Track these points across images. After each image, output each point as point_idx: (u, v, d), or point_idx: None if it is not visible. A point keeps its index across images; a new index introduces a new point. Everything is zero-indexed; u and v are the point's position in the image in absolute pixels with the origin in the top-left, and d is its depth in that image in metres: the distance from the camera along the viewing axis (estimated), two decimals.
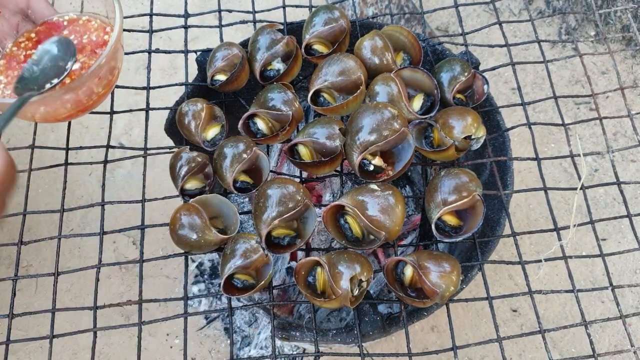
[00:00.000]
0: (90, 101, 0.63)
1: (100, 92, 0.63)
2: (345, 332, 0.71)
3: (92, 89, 0.61)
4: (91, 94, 0.62)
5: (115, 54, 0.62)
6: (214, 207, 0.66)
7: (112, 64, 0.62)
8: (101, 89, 0.63)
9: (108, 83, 0.63)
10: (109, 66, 0.61)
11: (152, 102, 0.77)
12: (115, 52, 0.61)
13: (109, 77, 0.63)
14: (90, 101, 0.63)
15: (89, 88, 0.61)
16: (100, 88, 0.62)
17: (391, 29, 0.75)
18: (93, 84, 0.61)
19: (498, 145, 0.81)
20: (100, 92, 0.63)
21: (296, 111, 0.69)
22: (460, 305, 1.17)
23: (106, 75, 0.62)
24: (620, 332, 1.14)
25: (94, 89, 0.61)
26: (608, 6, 1.46)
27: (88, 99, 0.62)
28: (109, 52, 0.60)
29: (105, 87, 0.63)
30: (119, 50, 0.63)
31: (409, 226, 1.04)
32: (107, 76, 0.62)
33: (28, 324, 1.14)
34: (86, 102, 0.62)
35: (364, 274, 0.60)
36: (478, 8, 1.55)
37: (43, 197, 1.30)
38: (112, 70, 0.63)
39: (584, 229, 1.19)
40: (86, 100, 0.62)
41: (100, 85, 0.62)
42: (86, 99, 0.61)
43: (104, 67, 0.60)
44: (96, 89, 0.62)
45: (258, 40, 0.75)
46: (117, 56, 0.63)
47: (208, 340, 1.15)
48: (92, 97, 0.62)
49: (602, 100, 1.39)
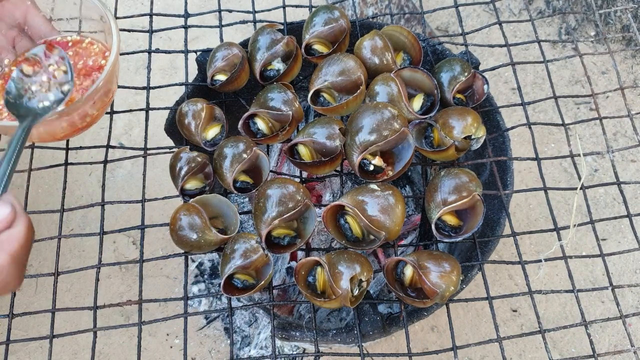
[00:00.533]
0: (85, 122, 0.63)
1: (94, 114, 0.63)
2: (345, 332, 0.71)
3: (87, 112, 0.62)
4: (85, 116, 0.62)
5: (111, 78, 0.62)
6: (214, 207, 0.66)
7: (108, 87, 0.62)
8: (95, 111, 0.63)
9: (102, 105, 0.64)
10: (105, 89, 0.62)
11: (152, 102, 0.77)
12: (111, 76, 0.61)
13: (104, 100, 0.63)
14: (85, 122, 0.63)
15: (84, 111, 0.61)
16: (95, 110, 0.63)
17: (391, 29, 0.75)
18: (88, 107, 0.61)
19: (498, 145, 0.81)
20: (94, 114, 0.63)
21: (296, 111, 0.69)
22: (460, 305, 1.17)
23: (101, 98, 0.62)
24: (620, 332, 1.14)
25: (88, 111, 0.62)
26: (608, 6, 1.46)
27: (82, 121, 0.62)
28: (105, 77, 0.60)
29: (99, 109, 0.64)
30: (115, 76, 0.63)
31: (409, 226, 1.04)
32: (102, 99, 0.62)
33: (28, 324, 1.14)
34: (80, 124, 0.63)
35: (364, 273, 0.60)
36: (478, 8, 1.55)
37: (43, 197, 1.30)
38: (107, 93, 0.63)
39: (584, 229, 1.19)
40: (80, 122, 0.62)
41: (94, 108, 0.62)
42: (80, 121, 0.62)
43: (99, 91, 0.60)
44: (90, 111, 0.62)
45: (258, 40, 0.75)
46: (113, 80, 0.63)
47: (208, 340, 1.15)
48: (85, 120, 0.63)
49: (602, 100, 1.39)
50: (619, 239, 1.23)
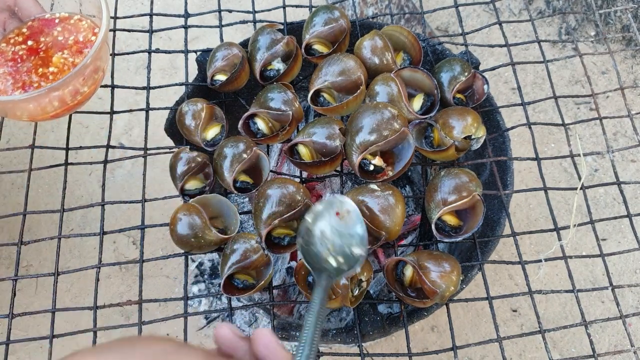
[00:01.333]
0: (75, 100, 0.63)
1: (85, 92, 0.63)
2: (345, 332, 0.71)
3: (78, 89, 0.61)
4: (76, 93, 0.62)
5: (100, 54, 0.62)
6: (214, 207, 0.66)
7: (97, 64, 0.62)
8: (86, 88, 0.63)
9: (94, 82, 0.64)
10: (94, 66, 0.62)
11: (152, 102, 0.77)
12: (100, 52, 0.61)
13: (94, 77, 0.63)
14: (75, 100, 0.63)
15: (75, 87, 0.61)
16: (86, 87, 0.63)
17: (391, 29, 0.75)
18: (78, 83, 0.61)
19: (498, 145, 0.81)
20: (85, 92, 0.63)
21: (296, 111, 0.69)
22: (460, 305, 1.17)
23: (91, 75, 0.62)
24: (620, 332, 1.14)
25: (79, 88, 0.61)
26: (608, 6, 1.46)
27: (73, 98, 0.62)
28: (94, 53, 0.60)
29: (90, 86, 0.63)
30: (105, 50, 0.63)
31: (409, 226, 1.04)
32: (92, 76, 0.62)
33: (28, 324, 1.14)
34: (71, 102, 0.62)
35: (364, 273, 0.60)
36: (478, 8, 1.55)
37: (43, 197, 1.30)
38: (96, 70, 0.63)
39: (584, 229, 1.19)
40: (71, 100, 0.62)
41: (85, 84, 0.62)
42: (71, 98, 0.62)
43: (88, 67, 0.60)
44: (81, 89, 0.62)
45: (258, 40, 0.75)
46: (102, 56, 0.63)
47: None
48: (76, 97, 0.63)
49: (602, 100, 1.39)
50: (619, 239, 1.23)
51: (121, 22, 0.81)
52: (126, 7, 1.57)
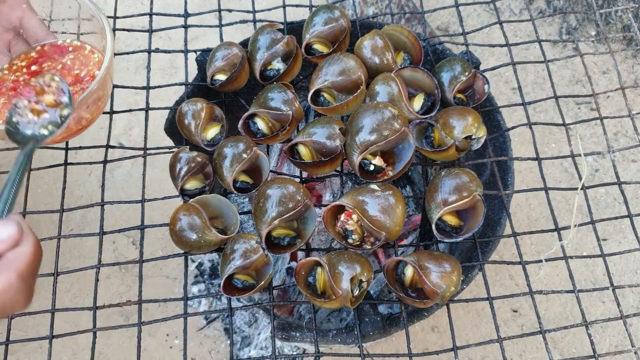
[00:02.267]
0: (80, 126, 0.65)
1: (89, 118, 0.65)
2: (345, 333, 0.71)
3: (81, 115, 0.63)
4: (80, 119, 0.63)
5: (104, 85, 0.63)
6: (214, 207, 0.66)
7: (101, 92, 0.63)
8: (89, 115, 0.64)
9: (97, 109, 0.65)
10: (97, 95, 0.63)
11: (151, 102, 0.77)
12: (104, 84, 0.63)
13: (97, 104, 0.64)
14: (80, 126, 0.65)
15: (78, 115, 0.62)
16: (89, 114, 0.64)
17: (391, 28, 0.75)
18: (82, 111, 0.62)
19: (499, 145, 0.81)
20: (89, 118, 0.65)
21: (296, 111, 0.69)
22: (460, 306, 1.17)
23: (94, 102, 0.63)
24: (621, 333, 1.14)
25: (82, 115, 0.63)
26: (609, 6, 1.46)
27: (77, 124, 0.64)
28: (98, 83, 0.61)
29: (93, 113, 0.65)
30: (108, 81, 0.65)
31: (410, 226, 1.04)
32: (95, 103, 0.64)
33: (28, 324, 1.14)
34: (74, 127, 0.64)
35: (364, 274, 0.60)
36: (478, 8, 1.55)
37: (43, 197, 1.30)
38: (100, 98, 0.65)
39: (584, 229, 1.19)
40: (74, 126, 0.64)
41: (88, 112, 0.64)
42: (75, 124, 0.63)
43: (92, 95, 0.61)
44: (85, 115, 0.63)
45: (258, 40, 0.75)
46: (106, 86, 0.64)
47: (208, 340, 1.15)
48: (81, 122, 0.64)
49: (602, 100, 1.39)
50: (619, 239, 1.23)
51: (121, 22, 0.81)
52: (126, 6, 1.57)
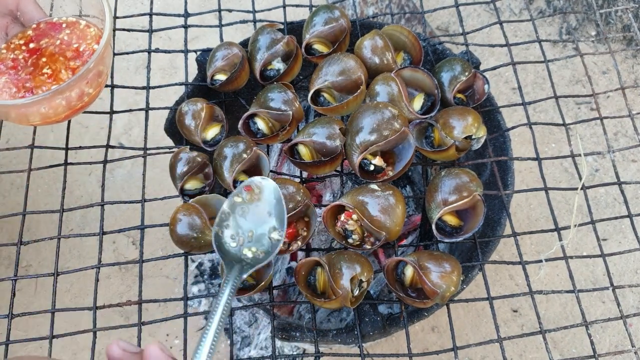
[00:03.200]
0: (82, 102, 0.65)
1: (91, 94, 0.65)
2: (345, 333, 0.71)
3: (83, 91, 0.64)
4: (82, 95, 0.64)
5: (102, 60, 0.64)
6: (213, 207, 0.66)
7: (100, 68, 0.64)
8: (92, 90, 0.65)
9: (98, 85, 0.66)
10: (97, 70, 0.63)
11: (151, 102, 0.77)
12: (103, 56, 0.63)
13: (97, 80, 0.65)
14: (82, 102, 0.65)
15: (80, 90, 0.63)
16: (91, 89, 0.65)
17: (391, 28, 0.75)
18: (83, 85, 0.63)
19: (499, 145, 0.81)
20: (91, 94, 0.65)
21: (296, 111, 0.69)
22: (460, 306, 1.17)
23: (94, 79, 0.64)
24: (621, 333, 1.14)
25: (84, 90, 0.64)
26: (609, 6, 1.46)
27: (79, 99, 0.64)
28: (97, 57, 0.62)
29: (95, 88, 0.66)
30: (108, 54, 0.65)
31: (410, 226, 1.04)
32: (95, 79, 0.64)
33: (28, 324, 1.14)
34: (78, 104, 0.65)
35: (364, 274, 0.60)
36: (478, 8, 1.55)
37: (43, 197, 1.30)
38: (100, 74, 0.65)
39: (584, 229, 1.19)
40: (77, 101, 0.64)
41: (90, 86, 0.64)
42: (77, 100, 0.64)
43: (91, 71, 0.62)
44: (87, 90, 0.64)
45: (258, 40, 0.75)
46: (105, 62, 0.65)
47: None
48: (83, 99, 0.65)
49: (602, 100, 1.38)
50: (619, 239, 1.23)
51: (121, 22, 0.81)
52: (126, 6, 1.57)
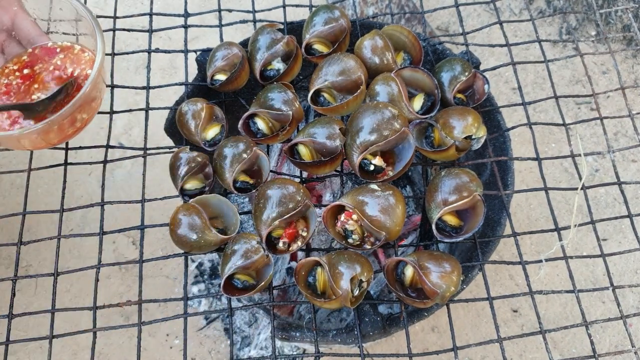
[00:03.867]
0: (74, 128, 0.65)
1: (84, 119, 0.65)
2: (345, 333, 0.71)
3: (75, 117, 0.63)
4: (74, 121, 0.64)
5: (96, 86, 0.63)
6: (214, 207, 0.66)
7: (94, 94, 0.64)
8: (85, 115, 0.65)
9: (91, 110, 0.66)
10: (90, 96, 0.63)
11: (151, 101, 0.77)
12: (96, 85, 0.63)
13: (91, 105, 0.65)
14: (74, 128, 0.65)
15: (72, 117, 0.63)
16: (85, 115, 0.65)
17: (391, 28, 0.75)
18: (76, 113, 0.63)
19: (499, 145, 0.81)
20: (84, 119, 0.65)
21: (296, 111, 0.69)
22: (460, 306, 1.17)
23: (88, 104, 0.64)
24: (621, 333, 1.14)
25: (76, 116, 0.64)
26: (609, 6, 1.46)
27: (71, 125, 0.64)
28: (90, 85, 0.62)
29: (89, 113, 0.66)
30: (100, 82, 0.65)
31: (410, 226, 1.04)
32: (89, 104, 0.64)
33: (28, 324, 1.14)
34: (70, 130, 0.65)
35: (364, 274, 0.60)
36: (478, 8, 1.55)
37: (43, 197, 1.30)
38: (94, 99, 0.65)
39: (584, 229, 1.19)
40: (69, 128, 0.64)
41: (83, 113, 0.64)
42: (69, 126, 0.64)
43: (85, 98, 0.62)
44: (79, 117, 0.64)
45: (258, 40, 0.75)
46: (98, 87, 0.65)
47: (208, 340, 1.15)
48: (75, 125, 0.65)
49: (602, 100, 1.39)
50: (619, 239, 1.23)
51: (121, 22, 0.81)
52: (126, 6, 1.57)
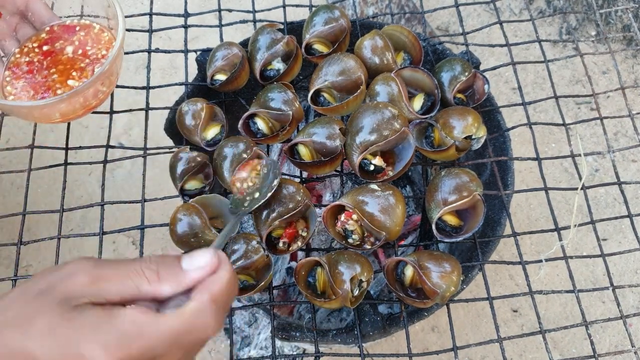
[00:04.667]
0: (97, 100, 0.67)
1: (105, 91, 0.67)
2: (345, 333, 0.71)
3: (98, 89, 0.66)
4: (97, 93, 0.66)
5: (116, 60, 0.66)
6: (213, 207, 0.66)
7: (114, 68, 0.66)
8: (105, 88, 0.67)
9: (110, 83, 0.68)
10: (111, 70, 0.65)
11: (151, 101, 0.77)
12: (115, 59, 0.65)
13: (110, 78, 0.67)
14: (97, 100, 0.67)
15: (95, 89, 0.65)
16: (105, 88, 0.67)
17: (391, 28, 0.75)
18: (98, 85, 0.65)
19: (499, 145, 0.81)
20: (105, 91, 0.67)
21: (296, 111, 0.69)
22: (460, 306, 1.17)
23: (108, 77, 0.66)
24: (621, 333, 1.14)
25: (99, 89, 0.66)
26: (609, 6, 1.46)
27: (95, 97, 0.66)
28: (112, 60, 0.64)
29: (108, 86, 0.68)
30: (120, 57, 0.67)
31: (410, 226, 1.04)
32: (109, 77, 0.66)
33: None
34: (93, 102, 0.67)
35: (364, 274, 0.60)
36: (478, 8, 1.55)
37: (43, 197, 1.30)
38: (113, 73, 0.67)
39: (584, 229, 1.19)
40: (93, 99, 0.66)
41: (104, 85, 0.66)
42: (92, 98, 0.66)
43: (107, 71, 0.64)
44: (101, 89, 0.66)
45: (258, 40, 0.75)
46: (117, 62, 0.67)
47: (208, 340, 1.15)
48: (98, 96, 0.67)
49: (602, 100, 1.39)
50: (619, 239, 1.23)
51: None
52: (126, 6, 1.57)
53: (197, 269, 0.40)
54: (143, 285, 0.38)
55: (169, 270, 0.39)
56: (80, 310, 0.37)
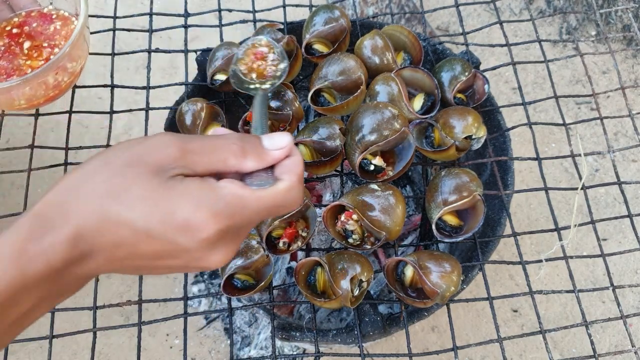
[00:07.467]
0: (57, 90, 0.66)
1: (66, 82, 0.67)
2: (345, 333, 0.71)
3: (57, 78, 0.65)
4: (59, 83, 0.66)
5: (76, 45, 0.64)
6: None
7: (77, 52, 0.65)
8: (67, 78, 0.66)
9: (71, 74, 0.67)
10: (70, 56, 0.64)
11: (152, 101, 0.77)
12: (76, 43, 0.64)
13: (73, 67, 0.66)
14: (57, 90, 0.66)
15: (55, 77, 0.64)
16: (66, 78, 0.66)
17: (391, 28, 0.75)
18: (59, 73, 0.64)
19: (499, 145, 0.81)
20: (66, 82, 0.67)
21: (296, 111, 0.69)
22: (460, 306, 1.17)
23: (70, 62, 0.65)
24: (621, 332, 1.14)
25: (59, 78, 0.65)
26: (609, 6, 1.46)
27: (55, 88, 0.66)
28: (70, 45, 0.63)
29: (69, 77, 0.67)
30: (82, 43, 0.66)
31: (410, 226, 1.04)
32: (71, 62, 0.65)
33: None
34: (52, 92, 0.66)
35: (364, 274, 0.60)
36: (478, 7, 1.55)
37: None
38: (74, 59, 0.66)
39: (584, 229, 1.19)
40: (53, 90, 0.66)
41: (65, 74, 0.65)
42: (53, 88, 0.65)
43: (64, 58, 0.63)
44: (61, 78, 0.65)
45: None
46: (79, 48, 0.66)
47: (208, 340, 1.15)
48: (60, 86, 0.66)
49: (602, 100, 1.38)
50: (619, 239, 1.23)
51: (121, 22, 0.80)
52: (126, 6, 1.57)
53: (279, 149, 0.41)
54: (230, 160, 0.39)
55: (253, 147, 0.40)
56: (179, 180, 0.37)
